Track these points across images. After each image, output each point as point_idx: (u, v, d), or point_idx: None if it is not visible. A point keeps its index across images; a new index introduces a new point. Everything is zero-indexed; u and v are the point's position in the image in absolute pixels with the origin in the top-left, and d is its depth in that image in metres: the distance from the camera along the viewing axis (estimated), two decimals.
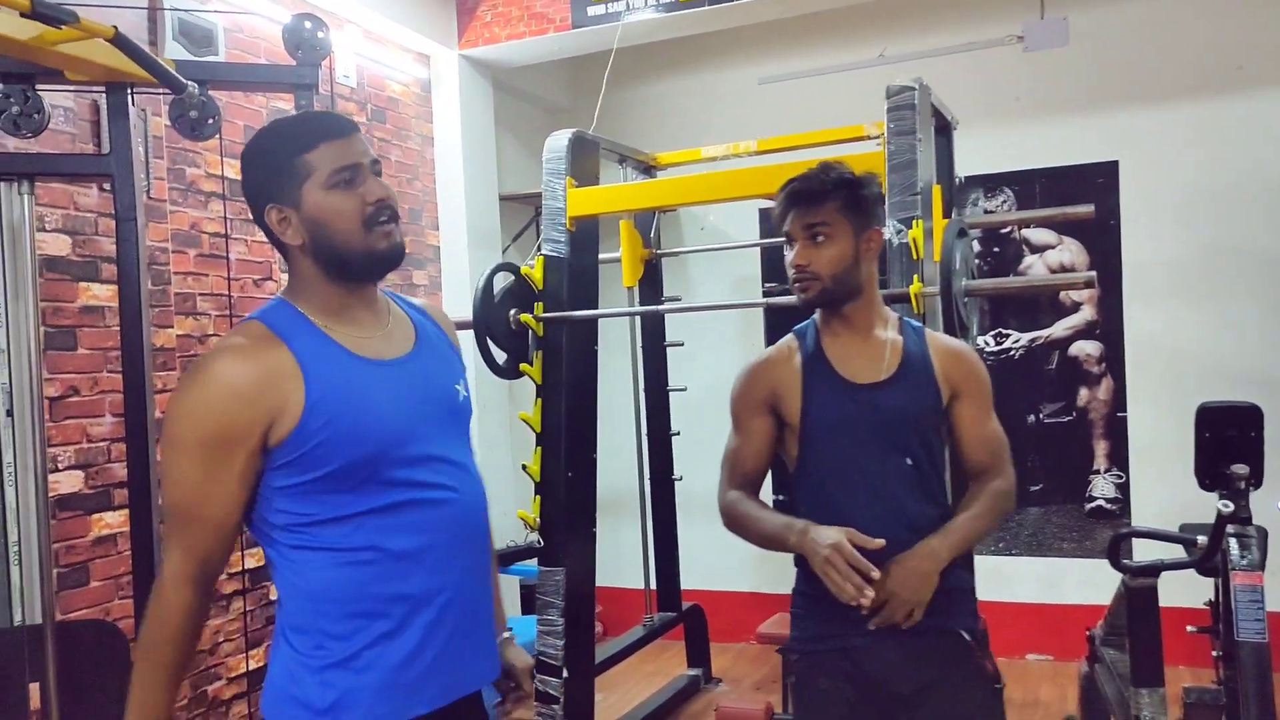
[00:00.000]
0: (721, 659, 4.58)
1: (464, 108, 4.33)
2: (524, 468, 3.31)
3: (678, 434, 4.34)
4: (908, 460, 1.80)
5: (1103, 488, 4.39)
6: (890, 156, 2.79)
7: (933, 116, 3.03)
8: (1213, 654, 2.64)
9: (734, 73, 4.88)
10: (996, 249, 4.51)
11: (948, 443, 1.90)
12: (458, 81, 4.30)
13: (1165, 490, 4.07)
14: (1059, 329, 4.45)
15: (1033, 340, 4.48)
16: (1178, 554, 2.51)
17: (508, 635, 1.66)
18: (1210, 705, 2.58)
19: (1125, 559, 2.50)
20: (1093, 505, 4.39)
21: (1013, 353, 4.47)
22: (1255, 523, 2.35)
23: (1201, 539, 2.38)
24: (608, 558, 3.71)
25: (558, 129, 3.46)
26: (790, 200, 1.83)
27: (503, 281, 3.34)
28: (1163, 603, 2.42)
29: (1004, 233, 4.48)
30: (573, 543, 3.29)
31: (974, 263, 3.94)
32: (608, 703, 4.03)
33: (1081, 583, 4.29)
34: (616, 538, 4.27)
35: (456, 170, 4.32)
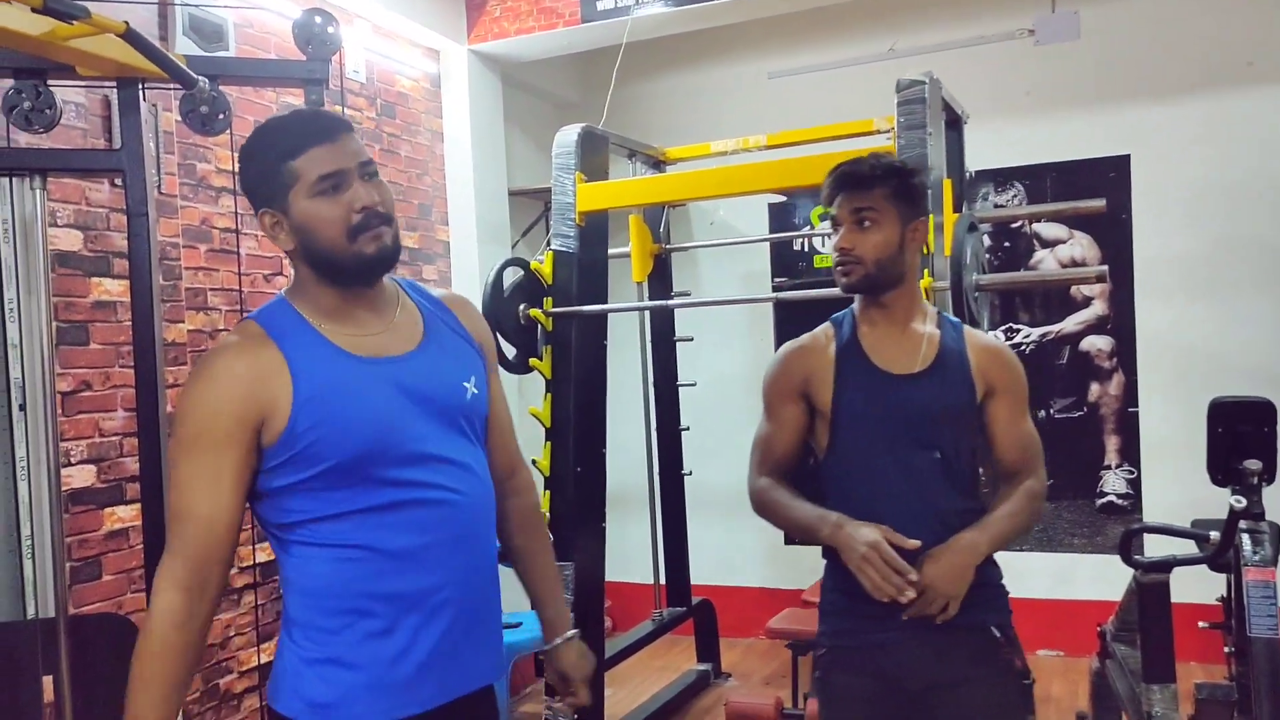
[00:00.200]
0: (731, 654, 4.58)
1: (473, 103, 4.33)
2: (533, 463, 3.31)
3: (687, 429, 4.34)
4: (937, 454, 1.78)
5: (1114, 483, 4.37)
6: (900, 151, 2.78)
7: (943, 111, 3.02)
8: (1225, 650, 2.62)
9: (743, 67, 4.86)
10: (1007, 244, 4.49)
11: (980, 441, 1.87)
12: (467, 76, 4.29)
13: (1177, 486, 4.05)
14: (1070, 324, 4.43)
15: (1043, 335, 4.46)
16: (1190, 550, 2.50)
17: (569, 636, 1.64)
18: (1222, 701, 2.57)
19: (1137, 555, 2.49)
20: (1104, 501, 4.38)
21: (1023, 348, 4.45)
22: (1268, 518, 2.33)
23: (1214, 534, 2.37)
24: (617, 552, 3.71)
25: (567, 124, 3.47)
26: (839, 184, 1.81)
27: (512, 276, 3.34)
28: (1174, 598, 2.41)
29: (1015, 227, 4.46)
30: (582, 537, 3.29)
31: (984, 257, 3.93)
32: (617, 697, 4.04)
33: (1093, 578, 4.28)
34: (626, 532, 4.26)
35: (466, 165, 4.32)
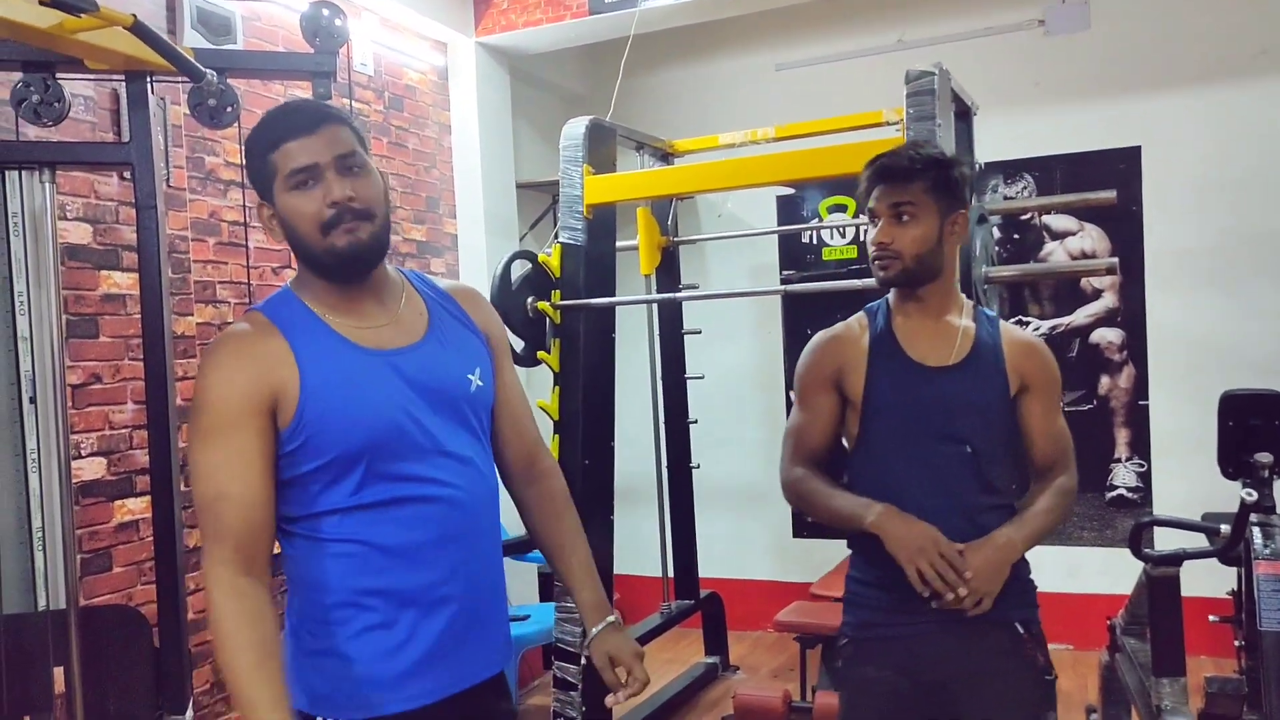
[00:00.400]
0: (739, 646, 4.59)
1: (481, 95, 4.32)
2: None
3: (695, 422, 4.34)
4: (967, 448, 1.77)
5: (1124, 476, 4.35)
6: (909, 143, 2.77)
7: (952, 102, 3.01)
8: (1235, 644, 2.61)
9: (751, 59, 4.85)
10: (1017, 235, 4.47)
11: (1011, 436, 1.85)
12: (475, 69, 4.29)
13: (1187, 479, 4.04)
14: (1080, 316, 4.41)
15: (1053, 328, 4.44)
16: (1200, 543, 2.48)
17: (612, 621, 1.59)
18: (1232, 695, 2.56)
19: (1147, 548, 2.48)
20: (1114, 494, 4.37)
21: None
22: (1279, 512, 2.32)
23: (1224, 528, 2.35)
24: (625, 545, 3.71)
25: (575, 116, 3.46)
26: (877, 176, 1.78)
27: (520, 269, 3.34)
28: (1184, 592, 2.40)
29: (1024, 219, 4.44)
30: (590, 530, 3.20)
31: (994, 249, 3.92)
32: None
33: (1102, 571, 4.27)
34: (634, 526, 4.27)
35: (474, 158, 4.32)
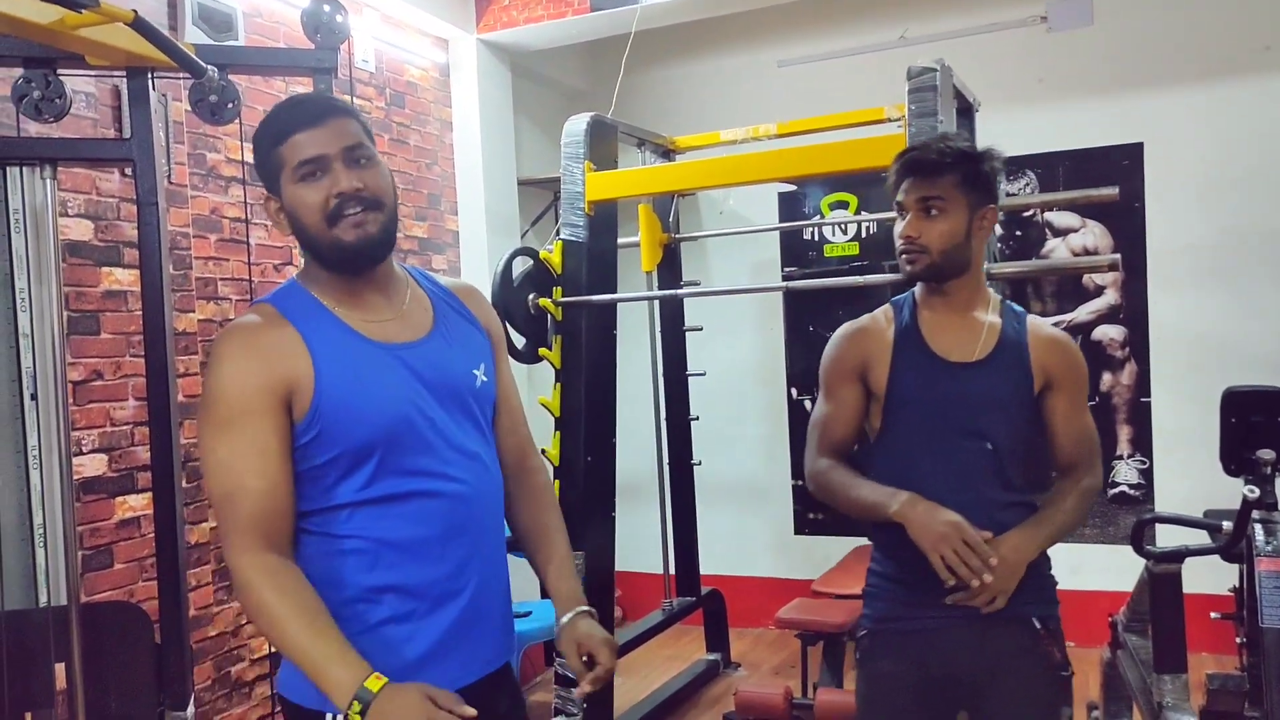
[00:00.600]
0: (740, 643, 4.59)
1: (482, 92, 4.32)
2: (543, 452, 3.31)
3: (696, 419, 4.34)
4: (988, 444, 1.76)
5: (1126, 473, 4.35)
6: (911, 139, 2.77)
7: (954, 98, 3.01)
8: (1236, 640, 2.61)
9: (753, 55, 4.84)
10: (1019, 232, 4.46)
11: (1034, 433, 1.85)
12: (476, 66, 4.28)
13: (1189, 476, 4.03)
14: (1082, 313, 4.40)
15: (1055, 325, 4.42)
16: (1202, 540, 2.48)
17: (583, 610, 1.53)
18: (1233, 692, 2.56)
19: (1149, 545, 2.48)
20: (1116, 491, 4.36)
21: None
22: None
23: (1226, 525, 2.35)
24: (627, 542, 3.72)
25: (576, 113, 3.45)
26: (906, 170, 1.77)
27: (521, 266, 3.34)
28: (1186, 589, 2.40)
29: (1026, 216, 4.43)
30: (592, 527, 3.29)
31: (996, 246, 3.91)
32: (626, 686, 4.04)
33: (1104, 568, 4.25)
34: (635, 522, 4.27)
35: (475, 155, 4.31)
